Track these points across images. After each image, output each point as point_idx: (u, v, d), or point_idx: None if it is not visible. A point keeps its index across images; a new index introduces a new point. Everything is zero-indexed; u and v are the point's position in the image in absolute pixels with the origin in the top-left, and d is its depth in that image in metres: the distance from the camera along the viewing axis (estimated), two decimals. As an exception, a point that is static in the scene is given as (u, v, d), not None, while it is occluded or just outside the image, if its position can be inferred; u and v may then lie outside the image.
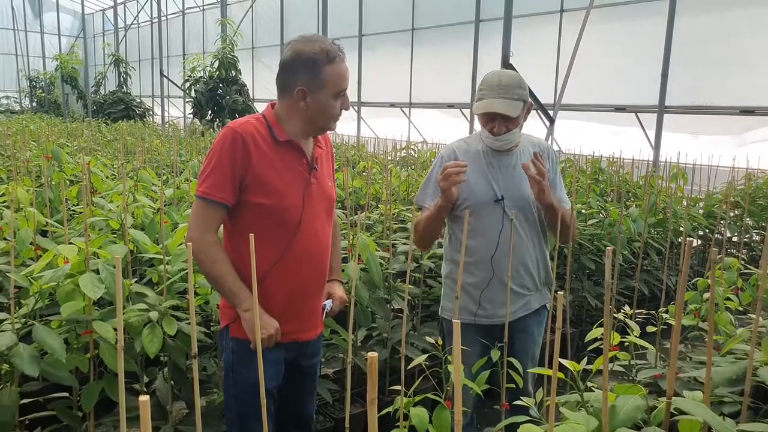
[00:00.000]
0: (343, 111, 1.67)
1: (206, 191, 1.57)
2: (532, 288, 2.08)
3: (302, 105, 1.61)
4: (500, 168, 2.03)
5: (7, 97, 23.14)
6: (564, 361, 1.17)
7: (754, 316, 1.32)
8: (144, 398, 0.57)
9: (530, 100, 2.05)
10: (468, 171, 1.91)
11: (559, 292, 0.99)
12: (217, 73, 11.85)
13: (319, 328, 1.79)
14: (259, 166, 1.58)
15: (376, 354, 0.59)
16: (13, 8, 23.63)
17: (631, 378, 1.94)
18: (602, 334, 1.30)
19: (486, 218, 1.99)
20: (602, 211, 3.77)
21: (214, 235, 1.60)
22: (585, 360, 1.23)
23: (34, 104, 22.59)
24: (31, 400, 1.95)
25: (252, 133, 1.58)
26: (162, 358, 2.16)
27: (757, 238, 4.58)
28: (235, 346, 1.65)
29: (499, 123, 1.96)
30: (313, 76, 1.57)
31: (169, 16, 19.06)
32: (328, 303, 1.78)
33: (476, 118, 2.06)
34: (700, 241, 4.54)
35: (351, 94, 1.69)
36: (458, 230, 2.04)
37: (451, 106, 10.53)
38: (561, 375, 1.05)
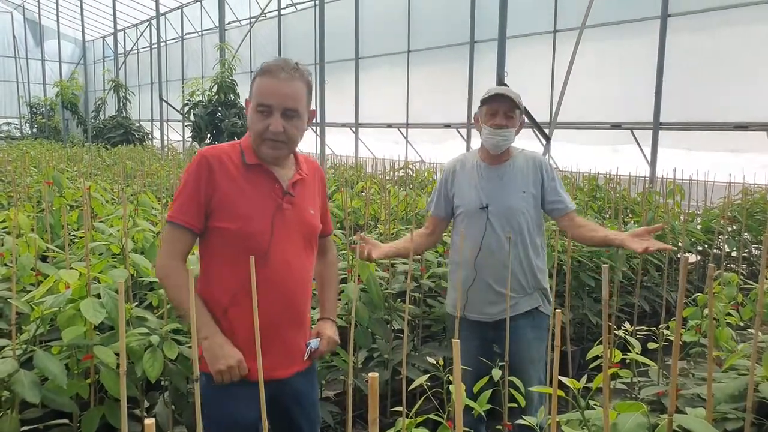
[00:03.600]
0: (278, 133, 1.53)
1: (172, 215, 1.56)
2: (520, 291, 2.21)
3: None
4: (489, 179, 2.24)
5: (8, 124, 23.32)
6: (564, 379, 1.17)
7: (754, 331, 1.32)
8: (149, 421, 0.58)
9: (525, 117, 2.29)
10: (463, 181, 2.28)
11: (557, 310, 0.99)
12: (216, 96, 11.96)
13: (296, 366, 1.65)
14: (226, 189, 1.55)
15: (376, 374, 0.60)
16: (14, 36, 23.98)
17: (633, 395, 1.93)
18: (603, 352, 1.30)
19: (473, 224, 2.23)
20: (601, 228, 3.78)
21: (180, 260, 1.56)
22: (585, 378, 1.23)
23: (35, 130, 22.75)
24: (32, 427, 1.93)
25: (220, 157, 1.58)
26: (163, 383, 2.15)
27: (755, 252, 4.59)
28: (204, 379, 1.55)
29: (500, 117, 2.18)
30: (250, 89, 1.62)
31: (168, 42, 19.30)
32: (314, 342, 1.67)
33: (475, 135, 2.21)
34: (698, 257, 4.54)
35: (349, 115, 1.69)
36: (455, 233, 2.33)
37: (447, 126, 10.62)
38: (561, 393, 1.05)
